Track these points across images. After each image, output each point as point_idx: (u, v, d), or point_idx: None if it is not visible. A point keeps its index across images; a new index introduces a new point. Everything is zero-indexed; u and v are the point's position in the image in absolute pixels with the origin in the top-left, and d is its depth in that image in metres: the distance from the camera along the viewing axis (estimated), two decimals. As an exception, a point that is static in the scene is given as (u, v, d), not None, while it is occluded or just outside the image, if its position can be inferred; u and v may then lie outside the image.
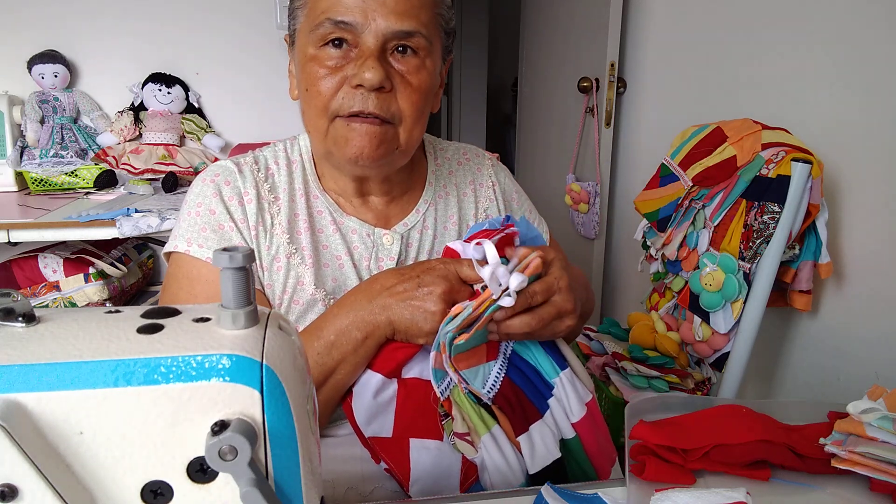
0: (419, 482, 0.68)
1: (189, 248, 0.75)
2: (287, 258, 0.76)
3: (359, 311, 0.69)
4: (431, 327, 0.67)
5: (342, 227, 0.79)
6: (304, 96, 0.73)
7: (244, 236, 0.76)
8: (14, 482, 0.34)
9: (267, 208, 0.77)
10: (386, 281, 0.70)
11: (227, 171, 0.78)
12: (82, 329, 0.37)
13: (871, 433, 0.66)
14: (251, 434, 0.35)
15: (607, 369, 1.32)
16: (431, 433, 0.70)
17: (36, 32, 2.09)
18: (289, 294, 0.76)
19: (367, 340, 0.68)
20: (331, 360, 0.68)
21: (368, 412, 0.69)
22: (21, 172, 2.05)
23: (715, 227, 1.19)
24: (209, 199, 0.77)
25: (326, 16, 0.69)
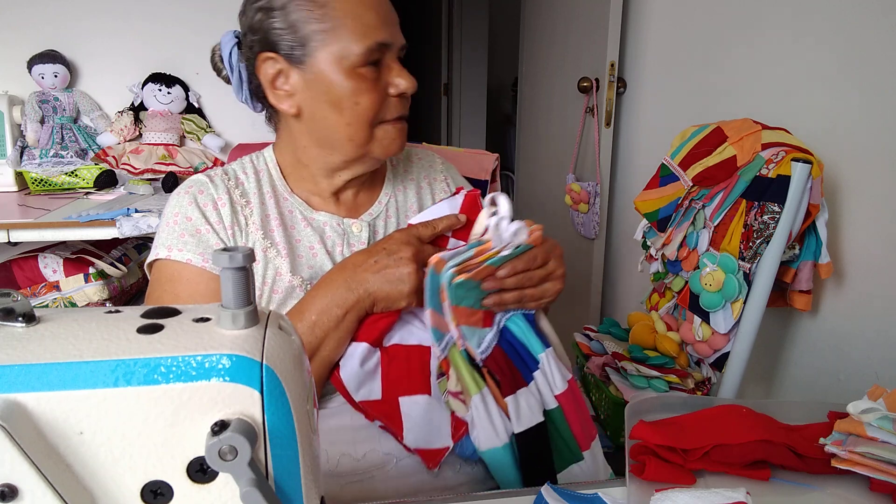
0: (412, 432, 0.74)
1: (170, 254, 0.80)
2: (263, 252, 0.81)
3: (337, 289, 0.74)
4: (410, 288, 0.74)
5: (312, 222, 0.85)
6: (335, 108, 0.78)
7: (221, 237, 0.81)
8: (14, 482, 0.34)
9: (240, 210, 0.83)
10: (356, 259, 0.77)
11: (199, 183, 0.84)
12: (82, 329, 0.38)
13: (871, 433, 0.66)
14: (251, 434, 0.35)
15: (607, 369, 1.32)
16: (418, 389, 0.75)
17: (36, 32, 2.09)
18: (268, 285, 0.81)
19: (347, 315, 0.74)
20: (315, 339, 0.73)
21: (357, 379, 0.75)
22: (21, 172, 2.05)
23: (715, 227, 1.19)
24: (185, 208, 0.82)
25: (374, 40, 0.77)
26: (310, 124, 0.82)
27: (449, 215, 0.81)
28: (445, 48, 4.54)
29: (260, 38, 0.79)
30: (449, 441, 0.76)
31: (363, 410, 0.76)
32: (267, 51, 0.79)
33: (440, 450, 0.76)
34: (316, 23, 0.76)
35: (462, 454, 0.77)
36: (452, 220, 0.81)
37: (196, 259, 0.79)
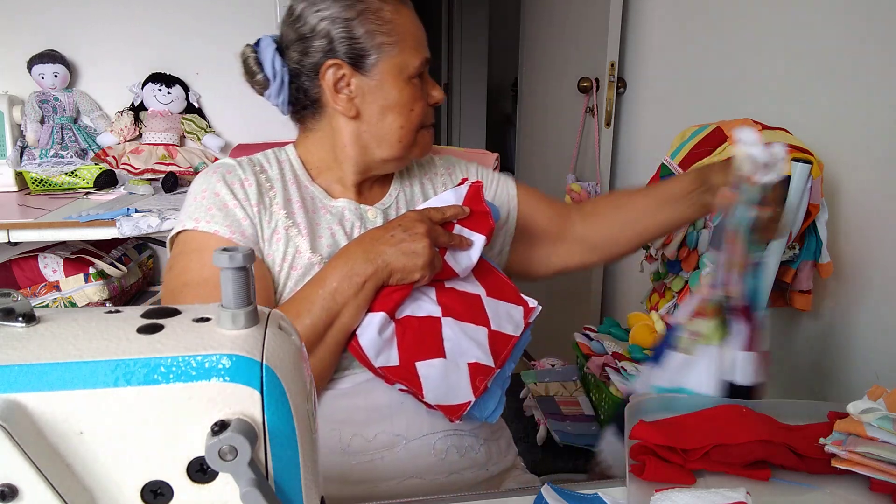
0: (431, 391, 0.79)
1: (197, 225, 0.83)
2: (285, 230, 0.85)
3: (356, 260, 0.79)
4: (424, 261, 0.79)
5: (332, 209, 0.91)
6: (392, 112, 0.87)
7: (247, 212, 0.84)
8: (14, 482, 0.34)
9: (265, 193, 0.87)
10: (374, 233, 0.82)
11: (226, 165, 0.88)
12: (82, 329, 0.38)
13: (871, 433, 0.66)
14: (251, 434, 0.35)
15: (607, 369, 1.32)
16: (433, 354, 0.80)
17: (36, 32, 2.09)
18: (288, 262, 0.84)
19: (366, 284, 0.78)
20: (335, 305, 0.78)
21: (375, 347, 0.79)
22: (21, 172, 2.05)
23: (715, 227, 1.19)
24: (213, 184, 0.85)
25: (424, 55, 0.88)
26: (365, 126, 0.88)
27: (455, 205, 0.87)
28: (445, 48, 4.55)
29: (325, 45, 0.85)
30: (471, 396, 0.80)
31: (383, 376, 0.80)
32: (332, 57, 0.85)
33: (462, 405, 0.80)
34: (383, 36, 0.85)
35: (480, 415, 0.82)
36: (458, 209, 0.87)
37: (223, 230, 0.82)
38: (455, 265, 0.85)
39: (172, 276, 0.83)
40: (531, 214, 1.03)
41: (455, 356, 0.81)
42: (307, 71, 0.87)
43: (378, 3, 0.85)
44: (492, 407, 0.83)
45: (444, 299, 0.85)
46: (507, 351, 0.84)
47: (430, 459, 0.82)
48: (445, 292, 0.85)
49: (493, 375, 0.82)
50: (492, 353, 0.83)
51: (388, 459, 0.81)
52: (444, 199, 0.89)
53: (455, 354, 0.81)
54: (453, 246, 0.85)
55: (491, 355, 0.83)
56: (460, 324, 0.83)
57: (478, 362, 0.82)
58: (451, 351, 0.81)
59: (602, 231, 1.02)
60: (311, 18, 0.85)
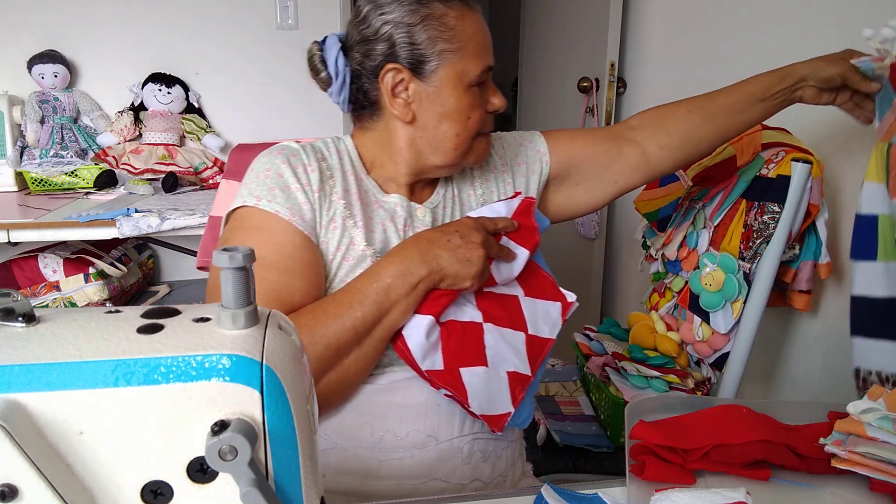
0: (476, 399, 0.80)
1: (258, 203, 0.82)
2: (343, 220, 0.85)
3: (412, 259, 0.79)
4: (477, 270, 0.80)
5: (385, 204, 0.91)
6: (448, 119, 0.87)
7: (309, 197, 0.84)
8: (14, 482, 0.34)
9: (325, 180, 0.87)
10: (431, 235, 0.82)
11: (291, 148, 0.88)
12: (82, 329, 0.38)
13: (871, 433, 0.66)
14: (251, 434, 0.35)
15: (607, 369, 1.32)
16: (476, 361, 0.81)
17: (36, 32, 2.09)
18: (342, 252, 0.85)
19: (419, 285, 0.79)
20: (387, 301, 0.78)
21: (422, 350, 0.80)
22: (21, 172, 2.05)
23: (715, 227, 1.19)
24: (277, 165, 0.85)
25: (486, 63, 0.86)
26: (420, 132, 0.88)
27: (506, 217, 0.89)
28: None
29: (386, 49, 0.85)
30: (510, 407, 0.82)
31: (429, 379, 0.81)
32: (393, 61, 0.85)
33: (503, 415, 0.82)
34: (445, 43, 0.84)
35: (513, 423, 0.84)
36: (508, 223, 0.88)
37: (284, 212, 0.82)
38: (497, 275, 0.86)
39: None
40: (568, 156, 1.03)
41: (496, 364, 0.82)
42: (367, 73, 0.87)
43: (443, 9, 0.83)
44: (525, 414, 0.85)
45: (484, 304, 0.86)
46: (542, 357, 0.86)
47: (455, 462, 0.83)
48: (485, 297, 0.86)
49: (529, 384, 0.84)
50: (528, 359, 0.85)
51: (417, 458, 0.82)
52: (496, 210, 0.90)
53: (496, 362, 0.83)
54: (502, 258, 0.85)
55: (528, 361, 0.85)
56: (500, 329, 0.84)
57: (516, 371, 0.84)
58: (492, 358, 0.82)
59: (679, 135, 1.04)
60: (375, 21, 0.85)
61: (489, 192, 0.99)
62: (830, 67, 0.99)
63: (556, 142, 1.04)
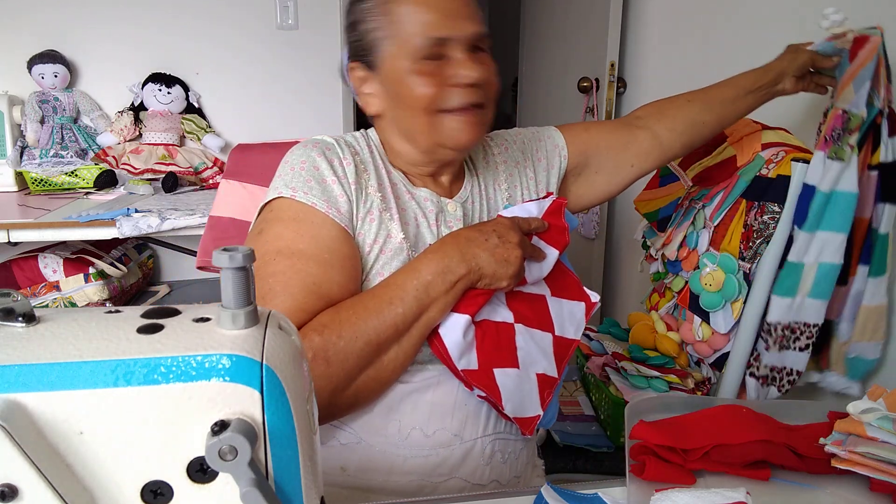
0: (510, 402, 0.80)
1: (294, 194, 0.82)
2: (380, 213, 0.85)
3: (452, 257, 0.79)
4: (514, 270, 0.80)
5: (415, 195, 0.91)
6: (402, 104, 0.85)
7: (345, 190, 0.83)
8: (14, 482, 0.34)
9: (360, 173, 0.87)
10: (469, 234, 0.81)
11: (324, 142, 0.88)
12: (82, 329, 0.38)
13: (871, 433, 0.66)
14: (251, 434, 0.35)
15: (607, 369, 1.32)
16: (508, 362, 0.82)
17: (36, 32, 2.09)
18: (379, 244, 0.84)
19: (458, 284, 0.78)
20: (427, 298, 0.77)
21: (459, 349, 0.79)
22: (21, 172, 2.05)
23: (715, 227, 1.19)
24: (313, 158, 0.85)
25: (428, 35, 0.81)
26: (390, 124, 0.89)
27: (538, 218, 0.88)
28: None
29: (349, 51, 0.88)
30: (540, 409, 0.83)
31: (464, 379, 0.81)
32: (353, 61, 0.87)
33: (534, 417, 0.83)
34: (381, 30, 0.84)
35: (540, 423, 0.85)
36: (540, 223, 0.88)
37: (321, 204, 0.82)
38: (528, 275, 0.86)
39: (263, 241, 0.81)
40: (584, 147, 1.06)
41: (526, 366, 0.83)
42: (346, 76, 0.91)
43: None
44: (551, 414, 0.87)
45: (514, 304, 0.86)
46: (567, 358, 0.87)
47: (478, 462, 0.84)
48: (515, 296, 0.86)
49: (556, 387, 0.85)
50: (555, 360, 0.86)
51: (441, 457, 0.82)
52: (528, 210, 0.90)
53: (526, 364, 0.83)
54: (534, 258, 0.86)
55: (554, 362, 0.85)
56: (530, 331, 0.85)
57: (545, 374, 0.84)
58: (523, 360, 0.83)
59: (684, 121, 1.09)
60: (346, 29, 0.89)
61: (513, 187, 0.99)
62: (800, 56, 1.11)
63: (572, 133, 1.06)
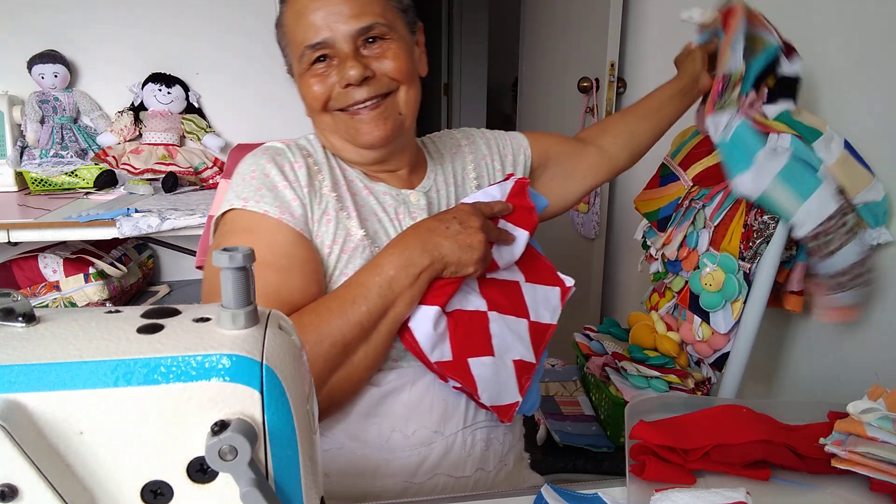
0: (486, 390, 0.80)
1: (246, 205, 0.82)
2: (336, 212, 0.85)
3: (413, 249, 0.79)
4: (479, 255, 0.80)
5: (373, 190, 0.90)
6: (308, 108, 0.89)
7: (297, 194, 0.83)
8: (14, 482, 0.34)
9: (314, 175, 0.87)
10: (430, 224, 0.81)
11: (275, 148, 0.89)
12: (82, 329, 0.38)
13: (871, 433, 0.66)
14: (251, 434, 0.35)
15: (607, 369, 1.32)
16: (483, 351, 0.81)
17: (36, 32, 2.09)
18: (339, 244, 0.84)
19: (422, 275, 0.78)
20: (391, 293, 0.77)
21: (431, 341, 0.79)
22: (21, 172, 2.05)
23: (715, 227, 1.19)
24: (262, 165, 0.85)
25: (304, 45, 0.83)
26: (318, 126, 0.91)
27: (502, 201, 0.88)
28: (445, 48, 4.54)
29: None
30: (518, 396, 0.83)
31: (438, 371, 0.81)
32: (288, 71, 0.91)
33: (512, 405, 0.83)
34: (283, 41, 0.89)
35: (520, 410, 0.85)
36: (504, 206, 0.88)
37: (273, 211, 0.82)
38: (498, 259, 0.85)
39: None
40: (545, 149, 1.10)
41: (502, 353, 0.82)
42: None
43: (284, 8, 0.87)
44: (531, 401, 0.87)
45: (487, 292, 0.85)
46: (544, 343, 0.86)
47: (460, 455, 0.84)
48: (487, 283, 0.86)
49: (534, 372, 0.84)
50: (532, 345, 0.85)
51: (423, 455, 0.82)
52: (490, 194, 0.89)
53: (502, 351, 0.82)
54: (501, 241, 0.85)
55: (531, 348, 0.85)
56: (504, 317, 0.84)
57: (521, 360, 0.84)
58: (498, 347, 0.82)
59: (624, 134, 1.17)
60: None
61: (481, 176, 1.01)
62: (696, 54, 1.19)
63: (534, 137, 1.11)
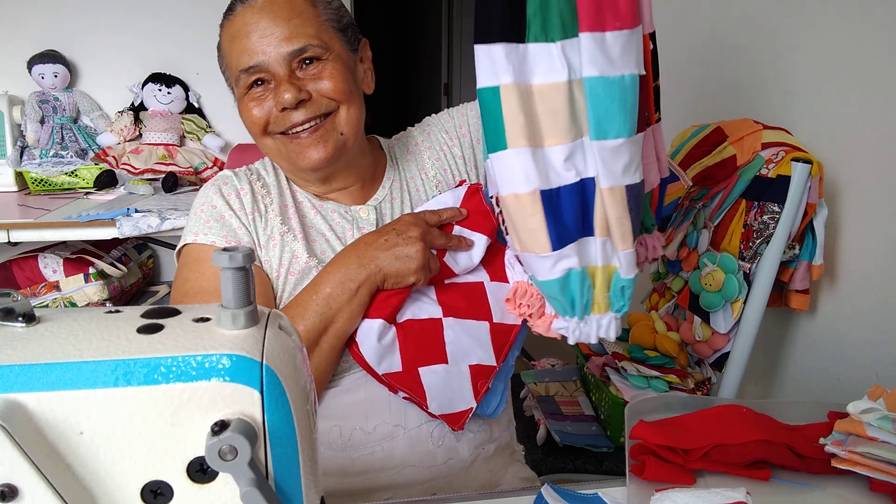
0: (435, 399, 0.80)
1: (196, 238, 0.86)
2: (281, 236, 0.87)
3: (350, 265, 0.80)
4: (418, 264, 0.79)
5: (322, 210, 0.92)
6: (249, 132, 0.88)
7: (242, 221, 0.87)
8: (14, 482, 0.34)
9: (261, 200, 0.89)
10: (367, 238, 0.82)
11: (224, 176, 0.92)
12: (82, 329, 0.38)
13: (871, 433, 0.66)
14: (251, 434, 0.35)
15: (607, 369, 1.32)
16: (435, 359, 0.81)
17: (36, 32, 2.09)
18: (285, 267, 0.86)
19: (360, 290, 0.79)
20: (329, 310, 0.79)
21: (377, 354, 0.80)
22: (21, 172, 2.04)
23: (715, 227, 1.19)
24: (210, 197, 0.89)
25: (238, 69, 0.83)
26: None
27: (453, 207, 0.88)
28: (445, 48, 4.54)
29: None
30: (472, 402, 0.82)
31: (387, 383, 0.81)
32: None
33: (464, 412, 0.82)
34: (222, 66, 0.89)
35: (483, 413, 0.84)
36: (455, 212, 0.88)
37: (220, 241, 0.86)
38: (454, 266, 0.85)
39: (175, 287, 0.87)
40: None
41: (457, 359, 0.82)
42: None
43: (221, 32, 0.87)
44: (494, 404, 0.85)
45: (444, 298, 0.85)
46: (508, 344, 0.84)
47: (427, 447, 0.84)
48: (446, 289, 0.85)
49: (493, 375, 0.83)
50: (494, 348, 0.84)
51: (388, 449, 0.83)
52: (442, 202, 0.89)
53: (457, 357, 0.82)
54: (451, 247, 0.85)
55: (493, 351, 0.84)
56: (462, 322, 0.83)
57: (479, 364, 0.82)
58: (452, 354, 0.82)
59: None
60: None
61: (443, 170, 0.98)
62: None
63: None
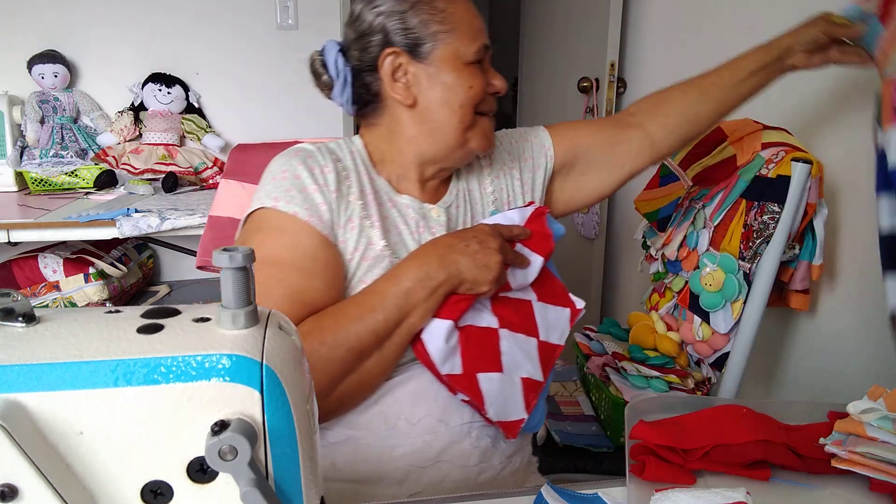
0: (493, 405, 0.82)
1: (276, 204, 0.83)
2: (360, 220, 0.86)
3: (431, 264, 0.80)
4: (495, 275, 0.81)
5: (397, 203, 0.92)
6: (450, 96, 0.88)
7: (326, 198, 0.85)
8: (14, 482, 0.34)
9: (342, 181, 0.88)
10: (450, 240, 0.83)
11: (305, 150, 0.89)
12: (82, 329, 0.38)
13: (871, 433, 0.66)
14: (251, 434, 0.35)
15: (607, 369, 1.32)
16: (493, 367, 0.83)
17: (36, 32, 2.09)
18: (360, 252, 0.86)
19: (438, 289, 0.80)
20: (407, 305, 0.79)
21: (443, 354, 0.81)
22: (21, 172, 2.05)
23: (715, 227, 1.19)
24: (294, 167, 0.86)
25: (481, 42, 0.88)
26: (423, 114, 0.89)
27: (520, 226, 0.90)
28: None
29: (382, 39, 0.88)
30: (524, 413, 0.84)
31: (447, 384, 0.82)
32: (390, 47, 0.87)
33: (517, 421, 0.84)
34: (437, 24, 0.87)
35: (527, 428, 0.86)
36: (522, 230, 0.89)
37: (303, 213, 0.83)
38: (512, 281, 0.87)
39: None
40: (571, 148, 1.06)
41: (511, 370, 0.84)
42: (367, 66, 0.89)
43: None
44: (538, 418, 0.88)
45: (499, 310, 0.86)
46: (552, 362, 0.88)
47: (465, 446, 0.85)
48: (500, 302, 0.87)
49: (542, 390, 0.86)
50: (540, 365, 0.87)
51: (428, 442, 0.84)
52: (510, 218, 0.91)
53: (511, 368, 0.84)
54: (516, 264, 0.86)
55: (540, 367, 0.86)
56: (515, 335, 0.86)
57: (529, 378, 0.85)
58: (507, 364, 0.84)
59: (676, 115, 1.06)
60: (368, 16, 0.88)
61: (500, 189, 1.01)
62: (811, 29, 1.02)
63: (559, 133, 1.06)
